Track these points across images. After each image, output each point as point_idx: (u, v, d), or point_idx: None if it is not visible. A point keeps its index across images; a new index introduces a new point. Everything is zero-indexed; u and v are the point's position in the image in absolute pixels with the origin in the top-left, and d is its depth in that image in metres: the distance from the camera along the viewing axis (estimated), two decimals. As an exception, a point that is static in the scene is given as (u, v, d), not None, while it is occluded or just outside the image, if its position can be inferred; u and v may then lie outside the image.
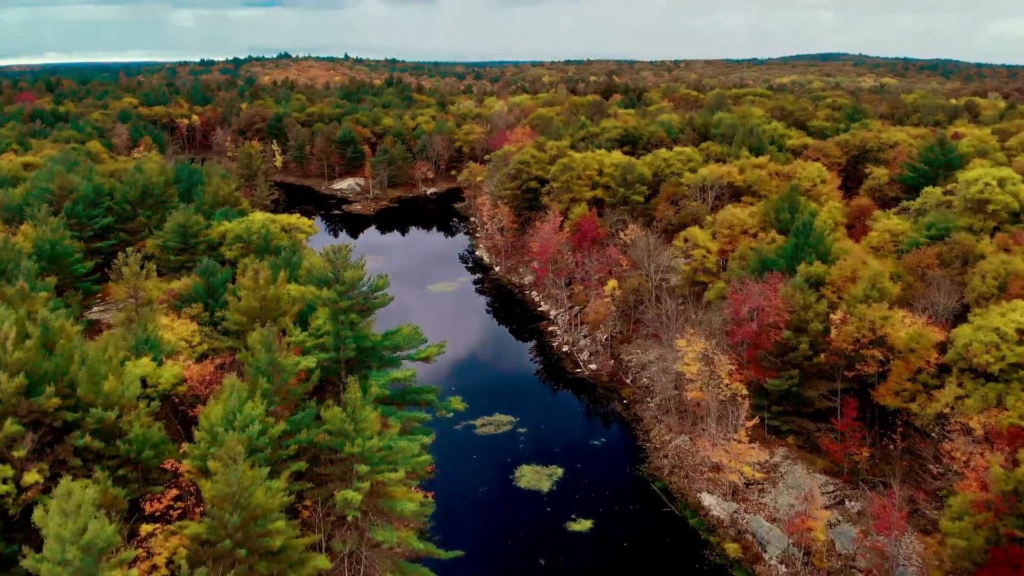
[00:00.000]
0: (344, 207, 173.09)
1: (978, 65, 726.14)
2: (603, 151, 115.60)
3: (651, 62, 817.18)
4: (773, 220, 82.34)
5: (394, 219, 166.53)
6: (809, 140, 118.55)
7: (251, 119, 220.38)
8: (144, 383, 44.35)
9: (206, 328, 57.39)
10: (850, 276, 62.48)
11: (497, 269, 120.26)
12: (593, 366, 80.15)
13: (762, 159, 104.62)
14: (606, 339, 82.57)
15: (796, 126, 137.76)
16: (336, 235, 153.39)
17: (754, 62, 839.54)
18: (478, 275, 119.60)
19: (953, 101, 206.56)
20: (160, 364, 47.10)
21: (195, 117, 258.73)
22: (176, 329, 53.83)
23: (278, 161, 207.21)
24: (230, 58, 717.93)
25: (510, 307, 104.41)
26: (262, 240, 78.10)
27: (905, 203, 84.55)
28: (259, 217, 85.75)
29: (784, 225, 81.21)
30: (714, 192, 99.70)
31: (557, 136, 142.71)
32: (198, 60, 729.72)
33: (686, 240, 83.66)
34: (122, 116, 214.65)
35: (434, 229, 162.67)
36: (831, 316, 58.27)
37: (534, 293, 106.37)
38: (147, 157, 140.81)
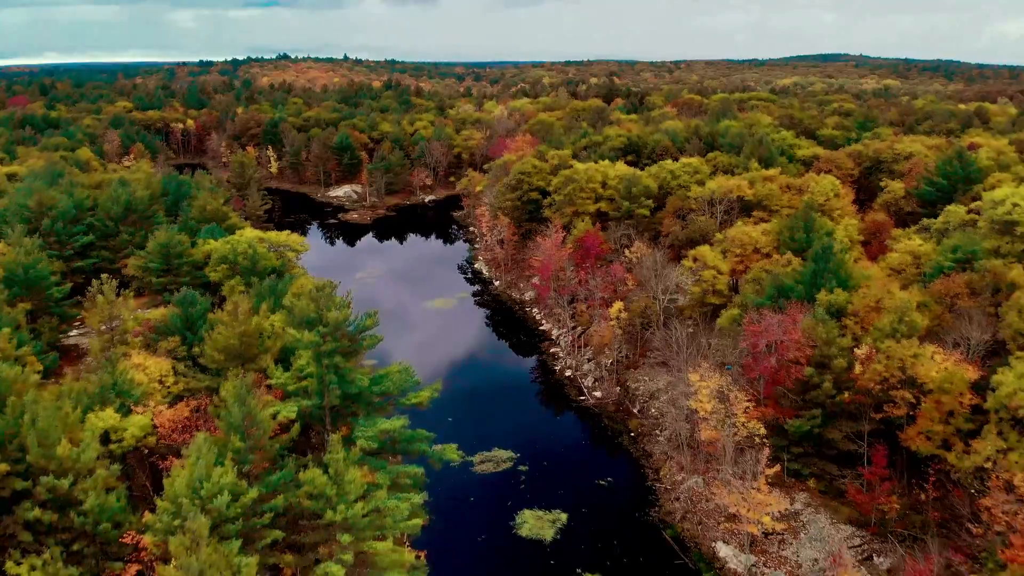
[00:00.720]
0: (340, 216, 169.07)
1: (980, 66, 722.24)
2: (607, 162, 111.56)
3: (652, 63, 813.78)
4: (787, 239, 78.30)
5: (392, 228, 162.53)
6: (820, 150, 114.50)
7: (246, 124, 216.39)
8: (107, 437, 40.33)
9: (183, 363, 53.37)
10: (874, 305, 58.45)
11: (497, 283, 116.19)
12: (598, 394, 76.09)
13: (772, 171, 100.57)
14: (611, 364, 78.54)
15: (805, 135, 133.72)
16: (332, 243, 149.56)
17: (755, 63, 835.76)
18: (477, 289, 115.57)
19: (963, 106, 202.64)
20: (127, 413, 43.08)
21: (190, 122, 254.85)
22: (149, 368, 49.78)
23: (273, 167, 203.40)
24: (229, 59, 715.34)
25: (510, 325, 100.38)
26: (248, 261, 74.10)
27: (925, 221, 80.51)
28: (247, 235, 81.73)
29: (800, 245, 77.24)
30: (723, 206, 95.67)
31: (559, 144, 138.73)
32: (196, 61, 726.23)
33: (695, 259, 79.59)
34: (114, 122, 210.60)
35: (432, 238, 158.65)
36: (855, 351, 54.25)
37: (535, 310, 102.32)
38: (136, 166, 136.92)
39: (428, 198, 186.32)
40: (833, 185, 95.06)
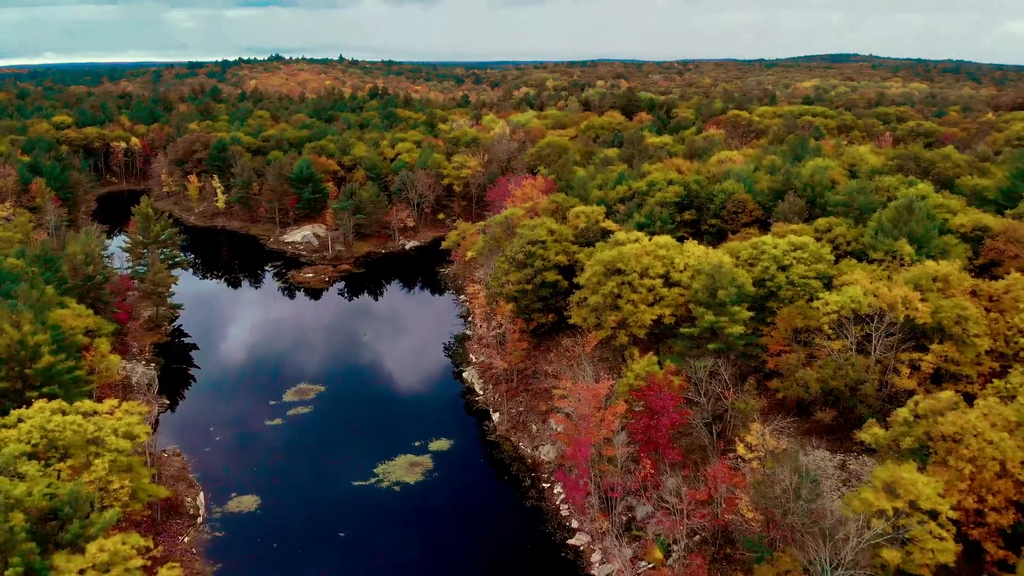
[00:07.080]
0: (292, 273, 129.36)
1: (998, 67, 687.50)
2: (668, 239, 72.16)
3: (659, 63, 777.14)
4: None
5: (358, 290, 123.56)
6: (987, 218, 75.06)
7: (190, 146, 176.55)
8: None
9: None
10: None
11: (496, 418, 76.92)
12: None
13: (945, 266, 61.47)
14: None
15: (938, 183, 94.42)
16: (274, 317, 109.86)
17: (763, 63, 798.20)
18: (466, 430, 76.03)
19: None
20: None
21: (135, 140, 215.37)
22: None
23: (220, 202, 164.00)
24: (220, 60, 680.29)
25: (520, 527, 60.92)
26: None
27: None
28: (31, 423, 42.80)
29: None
30: (880, 332, 56.63)
31: (583, 192, 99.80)
32: (186, 63, 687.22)
33: (889, 490, 40.52)
34: (28, 145, 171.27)
35: (411, 303, 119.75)
36: None
37: (557, 489, 63.18)
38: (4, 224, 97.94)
39: (409, 244, 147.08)
40: (1066, 298, 56.13)
